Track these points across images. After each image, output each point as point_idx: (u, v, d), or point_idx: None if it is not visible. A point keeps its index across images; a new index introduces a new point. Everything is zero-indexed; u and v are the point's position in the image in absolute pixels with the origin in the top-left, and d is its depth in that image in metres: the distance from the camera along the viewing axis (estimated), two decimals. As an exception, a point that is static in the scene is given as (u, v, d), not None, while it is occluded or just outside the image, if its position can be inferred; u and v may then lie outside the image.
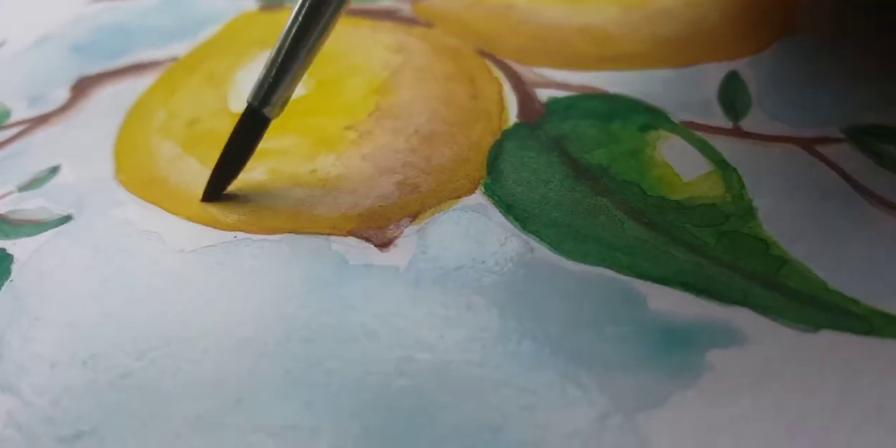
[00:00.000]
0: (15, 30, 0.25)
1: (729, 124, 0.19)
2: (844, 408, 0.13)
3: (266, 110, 0.17)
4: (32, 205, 0.19)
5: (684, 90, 0.20)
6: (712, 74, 0.20)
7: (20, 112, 0.22)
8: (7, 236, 0.18)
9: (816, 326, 0.14)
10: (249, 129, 0.18)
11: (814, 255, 0.16)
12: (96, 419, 0.14)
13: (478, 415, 0.13)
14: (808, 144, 0.18)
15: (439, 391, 0.14)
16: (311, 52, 0.17)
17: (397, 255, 0.16)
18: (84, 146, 0.20)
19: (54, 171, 0.20)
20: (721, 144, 0.18)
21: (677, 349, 0.14)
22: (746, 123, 0.19)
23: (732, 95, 0.20)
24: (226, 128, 0.20)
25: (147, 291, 0.16)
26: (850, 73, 0.20)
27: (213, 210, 0.18)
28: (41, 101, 0.22)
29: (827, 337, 0.14)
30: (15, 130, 0.21)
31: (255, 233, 0.17)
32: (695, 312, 0.15)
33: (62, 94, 0.22)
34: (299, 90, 0.20)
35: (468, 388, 0.14)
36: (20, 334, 0.16)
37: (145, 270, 0.16)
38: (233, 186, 0.18)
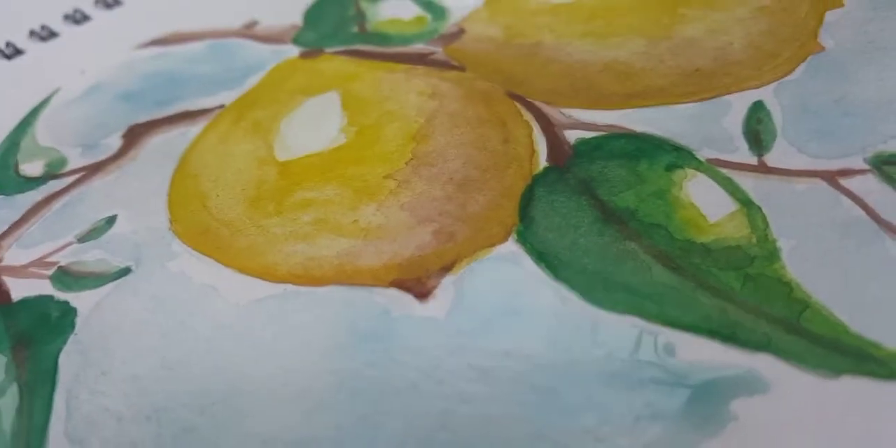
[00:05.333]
0: (67, 76, 0.26)
1: (754, 159, 0.19)
2: (865, 454, 0.14)
3: None
4: (91, 256, 0.20)
5: (710, 125, 0.20)
6: (738, 106, 0.21)
7: (76, 160, 0.23)
8: (70, 289, 0.19)
9: (837, 372, 0.15)
10: None
11: (835, 297, 0.16)
12: (164, 473, 0.15)
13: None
14: (831, 177, 0.19)
15: (480, 444, 0.15)
16: None
17: (436, 306, 0.17)
18: (139, 195, 0.21)
19: (111, 221, 0.21)
20: (746, 182, 0.19)
21: (704, 399, 0.15)
22: (771, 157, 0.19)
23: (757, 128, 0.20)
24: (272, 178, 0.21)
25: (206, 345, 0.17)
26: (874, 95, 0.20)
27: (263, 262, 0.19)
28: (95, 149, 0.23)
29: (848, 383, 0.15)
30: (72, 178, 0.22)
31: (303, 285, 0.18)
32: (720, 360, 0.15)
33: (114, 142, 0.23)
34: (339, 139, 0.21)
35: (507, 439, 0.15)
36: (88, 388, 0.17)
37: (202, 325, 0.18)
38: (282, 237, 0.19)
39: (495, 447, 0.15)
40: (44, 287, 0.19)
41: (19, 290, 0.19)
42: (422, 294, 0.17)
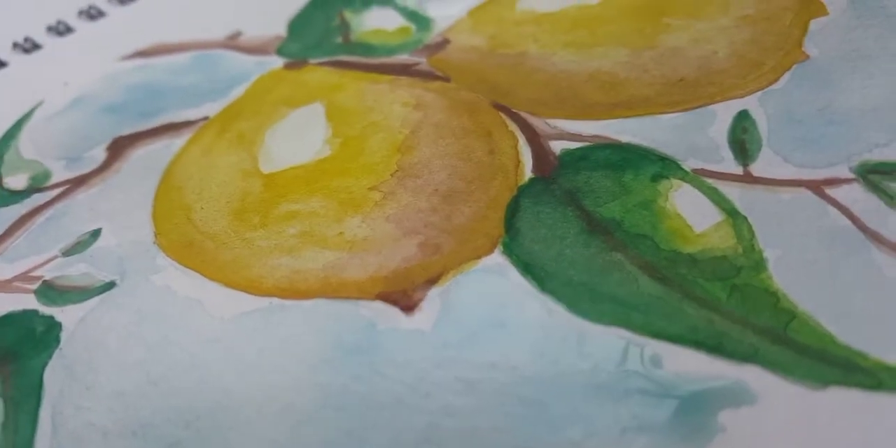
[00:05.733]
0: (50, 89, 0.26)
1: (739, 169, 0.19)
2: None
3: None
4: (76, 270, 0.20)
5: (695, 135, 0.20)
6: (723, 115, 0.21)
7: (60, 173, 0.23)
8: (54, 303, 0.19)
9: (824, 383, 0.15)
10: None
11: (822, 307, 0.16)
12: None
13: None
14: (817, 187, 0.19)
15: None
16: None
17: (422, 319, 0.17)
18: (123, 208, 0.21)
19: (96, 234, 0.21)
20: (732, 192, 0.19)
21: (691, 411, 0.15)
22: (757, 167, 0.19)
23: (742, 137, 0.20)
24: (256, 190, 0.21)
25: (190, 360, 0.17)
26: (859, 103, 0.20)
27: (248, 275, 0.19)
28: (79, 162, 0.23)
29: (835, 394, 0.15)
30: (56, 192, 0.22)
31: (288, 298, 0.18)
32: (707, 371, 0.15)
33: (98, 155, 0.23)
34: (324, 150, 0.21)
35: (493, 454, 0.15)
36: (73, 403, 0.17)
37: (188, 339, 0.17)
38: (267, 250, 0.19)
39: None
40: (28, 301, 0.19)
41: (4, 304, 0.19)
42: (408, 307, 0.17)
